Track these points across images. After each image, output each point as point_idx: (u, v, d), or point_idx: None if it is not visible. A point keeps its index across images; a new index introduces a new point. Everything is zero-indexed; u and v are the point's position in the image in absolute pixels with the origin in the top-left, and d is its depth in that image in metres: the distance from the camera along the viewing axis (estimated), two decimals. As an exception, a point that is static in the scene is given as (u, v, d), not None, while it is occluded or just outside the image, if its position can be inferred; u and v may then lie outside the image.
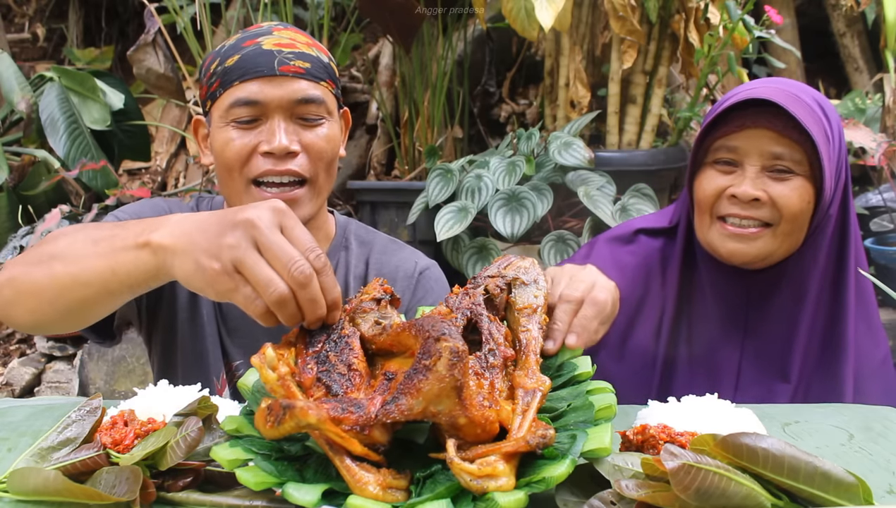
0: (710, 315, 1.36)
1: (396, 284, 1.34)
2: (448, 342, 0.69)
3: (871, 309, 1.38)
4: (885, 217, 3.24)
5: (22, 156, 3.46)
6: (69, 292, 0.92)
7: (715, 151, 1.29)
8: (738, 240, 1.27)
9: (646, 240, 1.44)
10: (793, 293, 1.33)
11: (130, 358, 3.16)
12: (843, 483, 0.64)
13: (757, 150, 1.25)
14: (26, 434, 0.93)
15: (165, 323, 1.32)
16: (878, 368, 1.36)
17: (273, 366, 0.73)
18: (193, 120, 1.32)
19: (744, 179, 1.26)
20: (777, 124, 1.23)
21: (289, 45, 1.21)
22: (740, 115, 1.26)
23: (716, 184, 1.28)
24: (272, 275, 0.76)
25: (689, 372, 1.36)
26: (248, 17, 3.57)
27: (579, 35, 3.10)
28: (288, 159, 1.20)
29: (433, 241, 2.74)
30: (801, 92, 1.28)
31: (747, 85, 1.33)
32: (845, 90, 4.28)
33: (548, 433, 0.70)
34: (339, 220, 1.41)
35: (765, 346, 1.35)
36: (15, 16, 5.01)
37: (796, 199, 1.25)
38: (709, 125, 1.29)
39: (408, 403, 0.69)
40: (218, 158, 1.23)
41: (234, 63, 1.20)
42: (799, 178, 1.25)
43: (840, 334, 1.32)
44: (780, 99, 1.22)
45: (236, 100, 1.19)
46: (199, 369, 1.30)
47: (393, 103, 3.74)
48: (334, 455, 0.69)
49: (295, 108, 1.20)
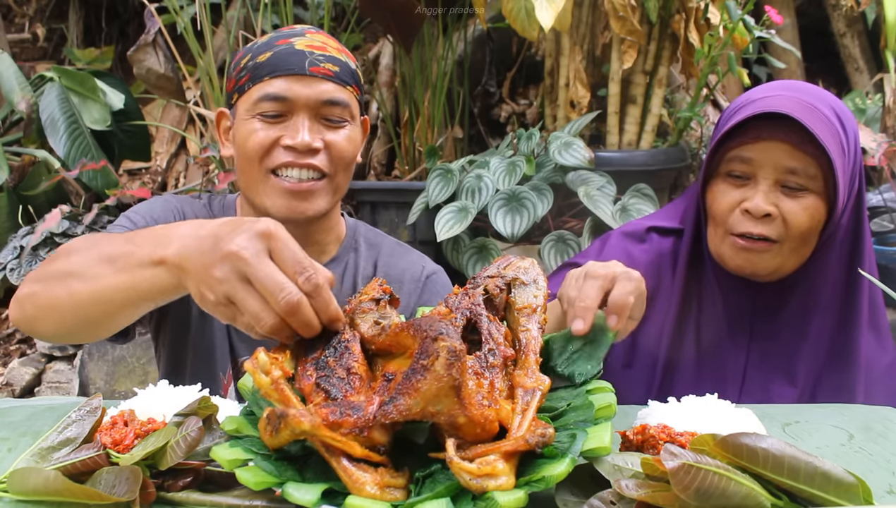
0: (717, 318, 1.35)
1: (403, 287, 1.36)
2: (446, 341, 0.69)
3: (880, 315, 1.37)
4: (885, 217, 3.23)
5: (22, 156, 3.46)
6: (92, 308, 0.94)
7: (729, 162, 1.27)
8: (748, 254, 1.26)
9: (657, 238, 1.43)
10: (801, 303, 1.32)
11: (130, 358, 3.16)
12: (843, 483, 0.64)
13: (771, 164, 1.23)
14: (26, 434, 0.93)
15: (176, 318, 1.33)
16: (884, 374, 1.35)
17: (266, 370, 0.73)
18: (218, 112, 1.35)
19: (756, 193, 1.24)
20: (793, 138, 1.21)
21: (320, 48, 1.25)
22: (756, 126, 1.24)
23: (730, 198, 1.26)
24: (260, 308, 0.76)
25: (694, 374, 1.36)
26: (249, 17, 3.58)
27: (579, 35, 3.10)
28: (309, 155, 1.22)
29: (433, 241, 2.75)
30: (818, 101, 1.25)
31: (762, 91, 1.30)
32: (845, 90, 4.28)
33: (547, 432, 0.70)
34: (349, 222, 1.43)
35: (771, 351, 1.34)
36: (15, 16, 5.01)
37: (806, 218, 1.23)
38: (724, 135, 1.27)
39: (406, 403, 0.69)
40: (239, 149, 1.25)
41: (265, 59, 1.23)
42: (811, 196, 1.23)
43: (851, 342, 1.31)
44: (798, 112, 1.20)
45: (265, 94, 1.22)
46: (208, 364, 1.31)
47: (393, 103, 3.73)
48: (331, 456, 0.69)
49: (320, 109, 1.23)
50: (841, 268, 1.32)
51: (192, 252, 0.82)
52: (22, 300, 1.04)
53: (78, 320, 0.97)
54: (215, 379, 1.30)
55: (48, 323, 1.01)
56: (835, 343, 1.33)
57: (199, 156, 3.30)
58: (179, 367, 1.34)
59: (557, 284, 1.42)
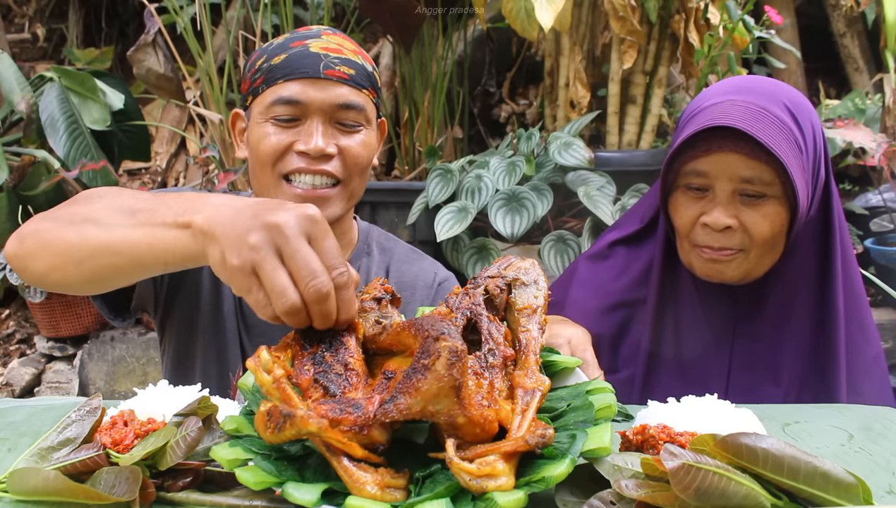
0: (697, 322, 1.35)
1: (416, 293, 1.35)
2: (447, 341, 0.69)
3: (861, 305, 1.36)
4: (885, 217, 3.24)
5: (22, 156, 3.46)
6: (99, 257, 0.90)
7: (685, 175, 1.26)
8: (714, 263, 1.25)
9: (623, 250, 1.42)
10: (779, 302, 1.32)
11: (130, 358, 3.16)
12: (843, 483, 0.64)
13: (726, 175, 1.21)
14: (26, 434, 0.93)
15: (184, 315, 1.31)
16: (870, 366, 1.35)
17: (268, 369, 0.73)
18: (232, 113, 1.34)
19: (715, 206, 1.23)
20: (744, 147, 1.18)
21: (335, 50, 1.23)
22: (707, 138, 1.21)
23: (690, 212, 1.25)
24: (286, 285, 0.74)
25: (678, 378, 1.35)
26: (248, 17, 3.58)
27: (579, 35, 3.10)
28: (322, 160, 1.20)
29: (433, 241, 2.75)
30: (769, 100, 1.22)
31: (711, 96, 1.27)
32: (845, 90, 4.28)
33: (547, 432, 0.70)
34: (362, 226, 1.42)
35: (754, 351, 1.34)
36: (15, 16, 5.00)
37: (767, 226, 1.22)
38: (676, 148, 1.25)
39: (406, 402, 0.69)
40: (252, 152, 1.24)
41: (280, 62, 1.21)
42: (771, 201, 1.22)
43: (831, 335, 1.30)
44: (745, 121, 1.18)
45: (278, 98, 1.20)
46: (219, 363, 1.29)
47: (393, 103, 3.74)
48: (331, 456, 0.69)
49: (335, 113, 1.21)
50: (815, 262, 1.31)
51: (225, 219, 0.78)
52: (24, 234, 0.98)
53: (79, 267, 0.92)
54: (225, 380, 1.29)
55: (43, 262, 0.96)
56: (815, 339, 1.32)
57: (198, 156, 3.30)
58: (188, 368, 1.32)
59: None
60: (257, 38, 3.38)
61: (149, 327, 3.22)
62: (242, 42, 3.69)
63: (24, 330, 3.49)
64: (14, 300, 3.60)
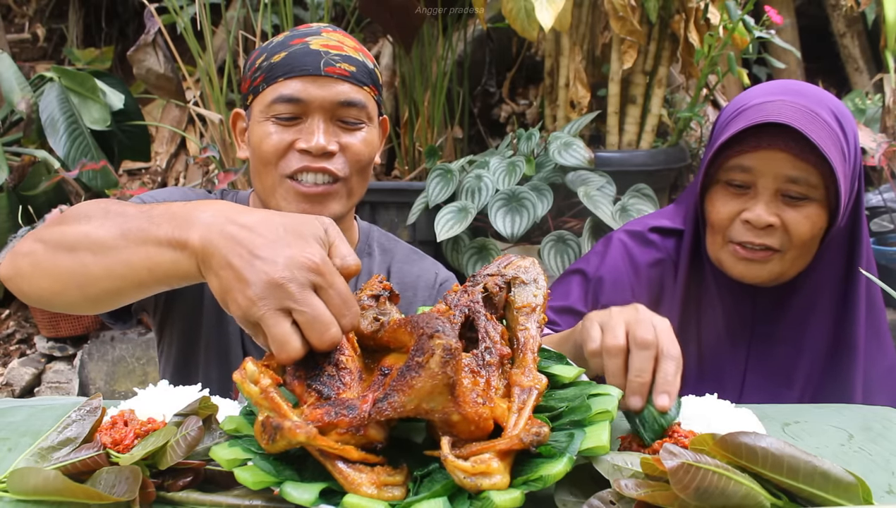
0: (717, 322, 1.35)
1: (417, 294, 1.34)
2: (441, 339, 0.69)
3: (879, 315, 1.36)
4: (885, 217, 3.24)
5: (22, 156, 3.46)
6: (102, 282, 0.87)
7: (728, 170, 1.25)
8: (748, 263, 1.25)
9: (660, 240, 1.42)
10: (801, 307, 1.31)
11: (130, 358, 3.16)
12: (843, 482, 0.64)
13: (772, 173, 1.21)
14: (26, 434, 0.93)
15: (186, 316, 1.30)
16: (885, 376, 1.34)
17: (255, 380, 0.72)
18: (233, 113, 1.33)
19: (757, 203, 1.22)
20: (794, 147, 1.18)
21: (336, 48, 1.22)
22: (755, 134, 1.21)
23: (730, 207, 1.25)
24: (287, 338, 0.72)
25: (694, 377, 1.35)
26: (248, 17, 3.58)
27: (579, 35, 3.10)
28: (324, 158, 1.20)
29: (433, 241, 2.75)
30: (818, 105, 1.22)
31: (760, 94, 1.27)
32: (845, 90, 4.28)
33: (542, 431, 0.70)
34: (363, 226, 1.41)
35: (770, 354, 1.33)
36: (15, 16, 5.00)
37: (808, 227, 1.22)
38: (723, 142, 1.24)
39: (400, 400, 0.69)
40: (254, 152, 1.23)
41: (280, 60, 1.21)
42: (813, 204, 1.22)
43: (849, 341, 1.30)
44: (799, 121, 1.18)
45: (279, 96, 1.19)
46: (221, 365, 1.28)
47: (393, 103, 3.73)
48: (326, 460, 0.69)
49: (336, 110, 1.21)
50: (839, 270, 1.31)
51: (221, 250, 0.75)
52: (19, 256, 0.96)
53: (82, 291, 0.90)
54: (227, 381, 1.28)
55: (40, 286, 0.93)
56: (833, 345, 1.32)
57: (198, 156, 3.30)
58: (190, 368, 1.31)
59: (562, 293, 1.42)
60: (257, 38, 3.38)
61: (149, 327, 3.22)
62: (242, 42, 3.69)
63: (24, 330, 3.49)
64: (14, 300, 3.60)
